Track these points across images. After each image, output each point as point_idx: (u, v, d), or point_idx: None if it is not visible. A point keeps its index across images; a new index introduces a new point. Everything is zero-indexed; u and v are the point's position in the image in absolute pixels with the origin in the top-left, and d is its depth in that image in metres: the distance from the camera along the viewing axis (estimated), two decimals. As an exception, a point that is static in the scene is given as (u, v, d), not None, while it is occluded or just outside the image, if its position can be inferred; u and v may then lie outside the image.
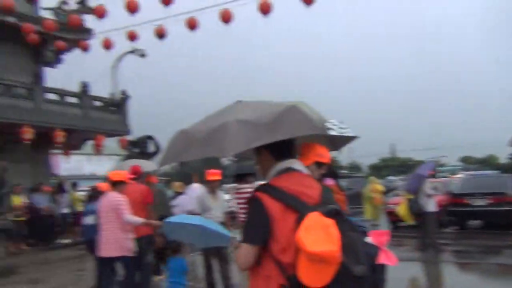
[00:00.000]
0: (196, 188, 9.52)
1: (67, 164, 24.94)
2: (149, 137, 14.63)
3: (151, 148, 14.63)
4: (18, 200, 12.26)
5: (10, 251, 11.64)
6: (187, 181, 12.80)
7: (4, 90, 13.31)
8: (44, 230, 13.41)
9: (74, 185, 15.81)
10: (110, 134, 16.44)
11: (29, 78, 14.65)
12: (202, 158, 2.20)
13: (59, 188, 14.96)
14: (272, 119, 2.03)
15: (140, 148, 14.44)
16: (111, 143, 19.32)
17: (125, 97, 16.92)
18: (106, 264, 5.77)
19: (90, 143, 17.10)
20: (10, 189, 9.84)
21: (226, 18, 10.43)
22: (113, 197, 5.57)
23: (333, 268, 1.80)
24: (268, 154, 2.18)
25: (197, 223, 2.75)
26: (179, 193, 10.44)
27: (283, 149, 2.17)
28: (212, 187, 6.33)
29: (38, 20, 13.72)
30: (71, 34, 14.87)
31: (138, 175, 6.42)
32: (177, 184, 11.36)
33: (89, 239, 6.33)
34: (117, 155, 32.65)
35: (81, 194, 15.39)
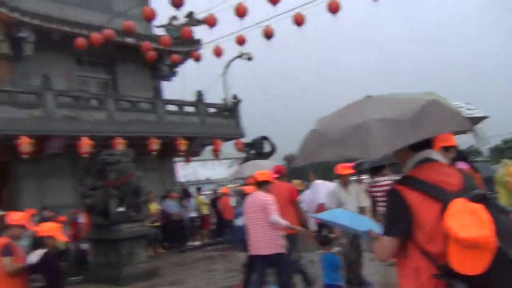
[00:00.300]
0: (321, 184, 9.37)
1: (184, 171, 26.45)
2: (264, 138, 14.80)
3: (266, 148, 14.79)
4: (153, 207, 13.17)
5: (149, 255, 12.50)
6: (301, 178, 12.79)
7: (130, 106, 14.39)
8: (175, 234, 14.25)
9: (199, 189, 16.59)
10: (226, 139, 17.00)
11: (150, 93, 15.70)
12: (338, 159, 2.19)
13: (185, 194, 15.80)
14: (415, 116, 1.94)
15: (256, 149, 14.67)
16: (224, 148, 19.98)
17: (236, 101, 17.38)
18: (258, 263, 5.81)
19: (208, 148, 17.89)
20: (146, 197, 10.56)
21: (333, 9, 10.16)
22: (261, 197, 5.63)
23: (489, 254, 1.76)
24: (405, 146, 2.10)
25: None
26: (299, 191, 10.37)
27: (421, 140, 2.08)
28: (344, 181, 6.24)
29: (153, 38, 14.66)
30: (183, 47, 15.66)
31: (282, 174, 6.48)
32: (296, 182, 11.31)
33: (240, 240, 6.49)
34: (229, 159, 33.81)
35: (204, 198, 16.15)
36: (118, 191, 9.92)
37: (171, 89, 17.71)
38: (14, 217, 4.56)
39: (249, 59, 18.57)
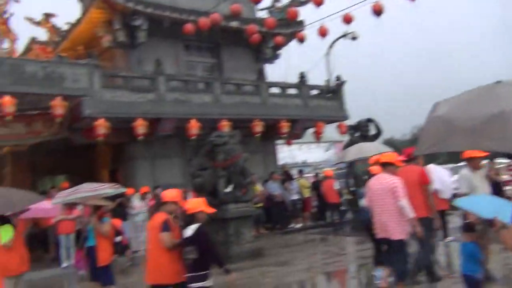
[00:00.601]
0: (433, 169, 8.75)
1: (282, 154, 26.56)
2: (369, 120, 14.25)
3: (372, 131, 14.23)
4: (257, 188, 13.37)
5: (254, 235, 12.73)
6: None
7: (235, 89, 14.65)
8: (278, 216, 14.38)
9: (300, 172, 16.53)
10: (328, 121, 16.67)
11: (254, 76, 15.84)
12: (470, 149, 1.96)
13: (287, 176, 15.84)
14: None
15: (361, 131, 14.18)
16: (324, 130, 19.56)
17: (340, 83, 16.91)
18: (383, 245, 5.71)
19: (310, 131, 17.70)
20: (251, 179, 10.71)
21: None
22: (388, 179, 5.43)
23: None
24: None
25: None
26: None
27: None
28: (475, 165, 5.85)
29: (257, 21, 14.68)
30: (287, 28, 15.51)
31: (411, 157, 6.19)
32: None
33: (365, 221, 6.38)
34: (326, 142, 33.25)
35: (306, 180, 16.05)
36: (226, 171, 10.16)
37: (274, 72, 17.73)
38: (169, 194, 4.87)
39: (354, 38, 17.88)
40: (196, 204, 4.70)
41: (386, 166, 5.49)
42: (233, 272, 4.68)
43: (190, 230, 4.49)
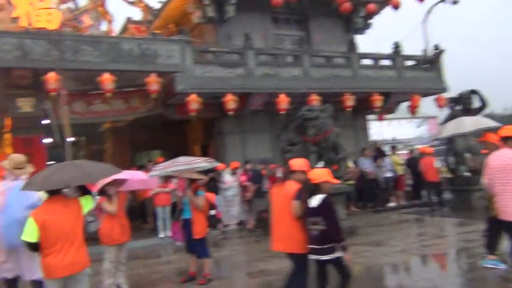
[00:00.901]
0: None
1: (370, 130, 25.48)
2: (473, 92, 13.01)
3: (475, 103, 13.02)
4: (348, 165, 12.88)
5: (345, 213, 12.38)
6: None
7: (325, 62, 14.15)
8: (370, 193, 13.84)
9: (393, 148, 15.73)
10: (425, 94, 15.58)
11: (344, 48, 15.20)
12: None
13: (379, 152, 15.13)
14: None
15: (463, 104, 13.02)
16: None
17: (438, 52, 15.66)
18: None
19: (403, 105, 16.73)
20: (344, 154, 10.32)
21: None
22: (510, 155, 4.92)
23: None
24: None
25: None
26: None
27: None
28: None
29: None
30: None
31: None
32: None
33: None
34: (418, 118, 31.35)
35: (399, 157, 15.23)
36: (317, 147, 9.86)
37: (366, 43, 16.85)
38: (297, 163, 4.92)
39: (455, 2, 16.37)
40: (321, 174, 4.64)
41: (508, 140, 4.90)
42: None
43: (315, 201, 4.45)
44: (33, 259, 4.50)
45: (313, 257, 4.53)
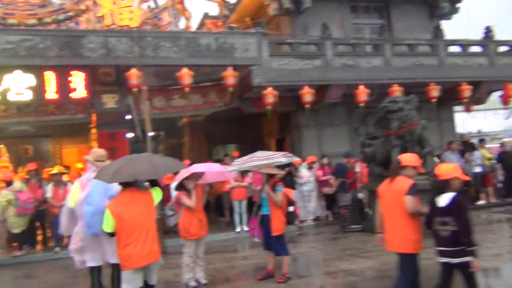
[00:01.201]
0: None
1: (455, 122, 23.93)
2: None
3: None
4: (434, 159, 12.08)
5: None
6: None
7: (408, 50, 13.39)
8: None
9: (482, 141, 14.58)
10: (521, 82, 14.22)
11: (428, 35, 14.28)
12: None
13: (468, 146, 14.06)
14: None
15: None
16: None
17: (537, 36, 14.22)
18: None
19: (495, 95, 15.43)
20: (431, 148, 9.65)
21: None
22: None
23: None
24: None
25: None
26: None
27: None
28: None
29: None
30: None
31: None
32: None
33: None
34: (506, 109, 28.94)
35: (488, 151, 14.07)
36: (401, 140, 9.29)
37: (452, 29, 15.71)
38: (407, 158, 4.77)
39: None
40: (450, 170, 4.30)
41: None
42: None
43: (444, 199, 4.14)
44: (114, 245, 4.64)
45: (442, 259, 4.23)
